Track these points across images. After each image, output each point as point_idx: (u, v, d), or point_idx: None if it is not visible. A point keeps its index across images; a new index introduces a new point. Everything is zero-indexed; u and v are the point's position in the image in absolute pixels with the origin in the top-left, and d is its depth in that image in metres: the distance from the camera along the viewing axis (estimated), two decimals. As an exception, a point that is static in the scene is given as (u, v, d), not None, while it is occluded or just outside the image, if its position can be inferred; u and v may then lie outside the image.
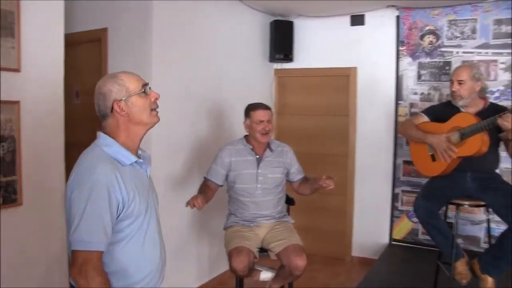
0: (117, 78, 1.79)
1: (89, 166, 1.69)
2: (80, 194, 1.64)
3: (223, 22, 4.31)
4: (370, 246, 4.84)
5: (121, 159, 1.77)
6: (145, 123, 1.84)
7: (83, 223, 1.62)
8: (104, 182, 1.66)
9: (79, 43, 3.93)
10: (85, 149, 1.83)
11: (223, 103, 4.34)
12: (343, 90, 4.98)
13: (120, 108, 1.76)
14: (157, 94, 1.87)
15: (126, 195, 1.72)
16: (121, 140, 1.80)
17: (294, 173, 3.46)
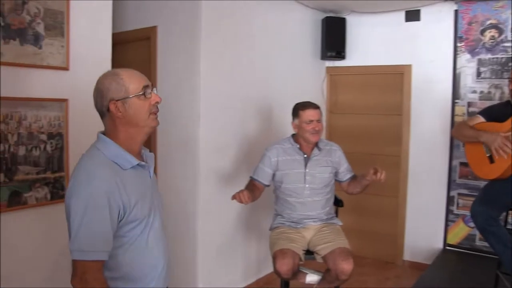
0: (117, 76, 1.71)
1: (88, 172, 1.62)
2: (77, 203, 1.58)
3: (273, 19, 4.25)
4: (422, 251, 4.66)
5: (121, 162, 1.69)
6: (141, 126, 1.73)
7: (82, 233, 1.57)
8: (104, 189, 1.59)
9: (129, 41, 4.00)
10: (85, 151, 1.75)
11: (273, 101, 4.29)
12: (397, 89, 4.81)
13: (117, 108, 1.68)
14: (158, 97, 1.77)
15: (128, 201, 1.65)
16: (120, 141, 1.72)
17: (343, 173, 3.36)
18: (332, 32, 4.89)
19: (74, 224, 1.58)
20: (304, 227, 3.24)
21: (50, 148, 2.57)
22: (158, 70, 3.75)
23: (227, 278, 3.88)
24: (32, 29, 2.47)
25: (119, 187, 1.63)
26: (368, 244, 4.99)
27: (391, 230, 4.87)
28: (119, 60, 3.84)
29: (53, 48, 2.56)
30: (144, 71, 3.76)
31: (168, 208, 3.77)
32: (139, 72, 1.78)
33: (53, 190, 2.58)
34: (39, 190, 2.52)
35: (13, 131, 2.40)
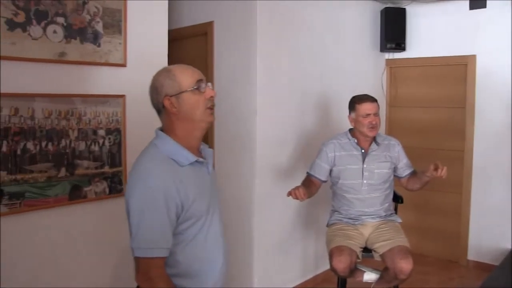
0: (170, 72, 1.72)
1: (145, 170, 1.63)
2: (137, 201, 1.60)
3: (330, 11, 4.17)
4: (489, 251, 4.44)
5: (179, 159, 1.69)
6: (197, 121, 1.72)
7: (142, 230, 1.59)
8: (161, 187, 1.60)
9: (186, 37, 4.05)
10: (144, 148, 1.78)
11: (330, 95, 4.22)
12: (460, 81, 4.60)
13: (171, 104, 1.69)
14: (213, 91, 1.77)
15: (185, 198, 1.65)
16: (178, 138, 1.72)
17: (402, 168, 3.25)
18: (392, 23, 4.74)
19: (133, 222, 1.61)
20: (362, 223, 3.17)
21: (108, 144, 2.64)
22: (215, 65, 3.78)
23: (283, 275, 3.86)
24: (92, 27, 2.55)
25: (177, 184, 1.63)
26: (429, 242, 4.82)
27: (454, 228, 4.68)
28: (176, 56, 3.89)
29: (111, 45, 2.63)
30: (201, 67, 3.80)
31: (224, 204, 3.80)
32: (193, 67, 1.78)
33: (111, 184, 2.66)
34: (98, 185, 2.60)
35: (74, 127, 2.49)
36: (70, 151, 2.47)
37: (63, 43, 2.43)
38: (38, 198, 2.36)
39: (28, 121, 2.32)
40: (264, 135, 3.58)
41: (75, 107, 2.49)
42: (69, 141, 2.47)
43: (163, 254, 1.61)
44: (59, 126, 2.43)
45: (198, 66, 3.93)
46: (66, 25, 2.43)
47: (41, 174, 2.37)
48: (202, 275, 1.75)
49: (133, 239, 1.60)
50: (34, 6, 2.31)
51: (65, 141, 2.45)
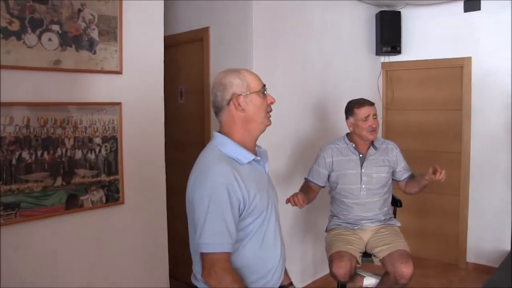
0: (239, 73, 1.80)
1: (207, 167, 1.70)
2: (201, 197, 1.65)
3: (326, 15, 4.17)
4: (488, 253, 4.43)
5: (238, 157, 1.76)
6: (259, 122, 1.81)
7: (207, 225, 1.63)
8: (223, 182, 1.65)
9: (182, 43, 4.04)
10: (202, 150, 1.84)
11: (328, 99, 4.21)
12: (456, 83, 4.60)
13: (238, 102, 1.75)
14: (272, 98, 1.86)
15: (247, 194, 1.70)
16: (237, 138, 1.79)
17: (401, 172, 3.24)
18: (387, 27, 4.74)
19: (199, 218, 1.65)
20: (361, 228, 3.15)
21: (105, 151, 2.62)
22: (212, 71, 3.75)
23: (283, 279, 3.83)
24: (87, 35, 2.53)
25: (238, 180, 1.68)
26: (429, 245, 4.81)
27: (453, 230, 4.67)
28: (172, 62, 3.90)
29: (106, 52, 2.61)
30: (197, 73, 3.85)
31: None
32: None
33: (108, 193, 2.63)
34: (95, 193, 2.58)
35: (70, 136, 2.46)
36: (66, 159, 2.45)
37: (58, 51, 2.41)
38: (34, 208, 2.33)
39: (23, 130, 2.29)
40: (262, 140, 3.55)
41: (70, 115, 2.46)
42: (65, 149, 2.44)
43: (228, 249, 1.65)
44: (55, 134, 2.41)
45: (195, 72, 3.97)
46: (61, 33, 2.41)
47: (37, 183, 2.34)
48: (261, 270, 1.80)
49: (200, 235, 1.64)
50: (29, 14, 2.29)
51: (61, 149, 2.43)
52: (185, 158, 4.04)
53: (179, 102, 4.13)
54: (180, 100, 4.13)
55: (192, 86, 3.99)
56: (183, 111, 4.09)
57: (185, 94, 4.10)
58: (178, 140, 4.05)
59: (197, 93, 3.89)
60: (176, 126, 4.05)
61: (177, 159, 4.09)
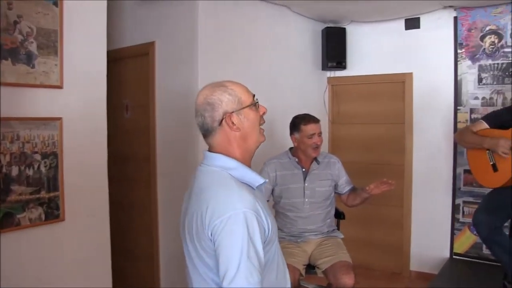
0: (226, 87, 1.59)
1: (230, 198, 1.48)
2: (233, 232, 1.42)
3: (273, 31, 4.25)
4: (429, 260, 4.58)
5: (250, 182, 1.60)
6: (255, 138, 1.64)
7: (244, 262, 1.41)
8: (252, 212, 1.46)
9: (128, 57, 4.01)
10: (201, 175, 1.62)
11: (274, 114, 4.22)
12: (399, 97, 4.77)
13: (232, 121, 1.57)
14: (264, 107, 1.68)
15: (267, 221, 1.53)
16: (237, 158, 1.60)
17: (343, 185, 3.32)
18: (333, 42, 4.86)
19: (234, 256, 1.41)
20: (304, 241, 3.20)
21: (44, 168, 2.55)
22: (157, 86, 3.74)
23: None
24: (25, 48, 2.47)
25: (261, 208, 1.52)
26: (374, 255, 4.93)
27: (397, 240, 4.80)
28: (117, 76, 3.86)
29: (46, 66, 2.56)
30: (142, 87, 3.82)
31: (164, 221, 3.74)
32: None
33: (48, 210, 2.56)
34: (33, 211, 2.49)
35: (6, 151, 2.39)
36: (1, 176, 2.37)
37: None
38: (-34, 227, 2.24)
39: (-45, 146, 2.22)
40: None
41: (7, 131, 2.39)
42: (0, 166, 2.37)
43: (259, 285, 1.44)
44: (-10, 150, 2.33)
45: (140, 87, 3.95)
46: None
47: (-31, 202, 2.26)
48: None
49: (233, 277, 1.40)
50: (-39, 27, 2.22)
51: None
52: (132, 172, 4.04)
53: (125, 117, 4.09)
54: (125, 115, 4.09)
55: (138, 100, 3.97)
56: (129, 126, 4.06)
57: (130, 108, 4.07)
58: (124, 155, 4.01)
59: (143, 108, 3.87)
60: (122, 140, 4.01)
61: (124, 173, 4.05)
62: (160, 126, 3.73)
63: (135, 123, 4.01)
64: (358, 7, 4.34)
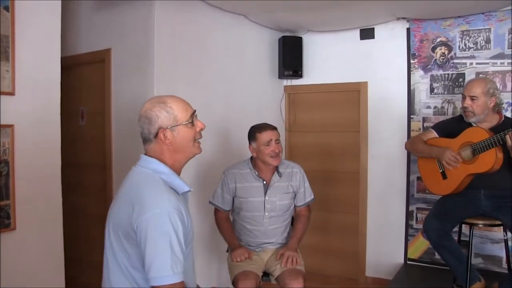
0: (165, 104, 1.77)
1: (157, 197, 1.66)
2: (158, 229, 1.60)
3: (230, 39, 4.26)
4: (384, 266, 4.67)
5: (177, 187, 1.77)
6: (187, 153, 1.83)
7: (173, 257, 1.60)
8: (177, 212, 1.64)
9: (83, 64, 3.94)
10: (135, 174, 1.80)
11: (231, 122, 4.26)
12: (354, 106, 4.86)
13: (165, 136, 1.75)
14: (202, 124, 1.87)
15: (187, 223, 1.72)
16: (168, 165, 1.79)
17: (300, 197, 3.26)
18: (289, 51, 4.90)
19: (159, 251, 1.59)
20: (262, 250, 3.19)
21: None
22: (113, 93, 3.69)
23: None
24: (-26, 54, 2.39)
25: (183, 210, 1.69)
26: (331, 262, 4.98)
27: (353, 247, 4.87)
28: (73, 83, 3.78)
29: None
30: (98, 94, 3.76)
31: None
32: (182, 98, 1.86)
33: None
34: (-19, 220, 2.41)
35: (-49, 160, 2.30)
36: None
37: None
38: None
39: None
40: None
41: (-48, 139, 2.30)
42: None
43: (183, 278, 1.63)
44: None
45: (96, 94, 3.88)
46: None
47: None
48: None
49: (161, 266, 1.59)
50: None
51: None
52: (87, 180, 3.95)
53: (80, 124, 4.00)
54: (81, 122, 4.00)
55: (94, 107, 3.90)
56: (84, 133, 3.98)
57: (86, 115, 3.99)
58: (79, 162, 3.93)
59: (99, 115, 3.81)
60: (77, 147, 3.93)
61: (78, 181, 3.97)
62: (116, 133, 3.68)
63: (90, 130, 3.94)
64: (313, 17, 4.42)
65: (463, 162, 3.11)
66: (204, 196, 3.76)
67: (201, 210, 3.76)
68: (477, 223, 3.15)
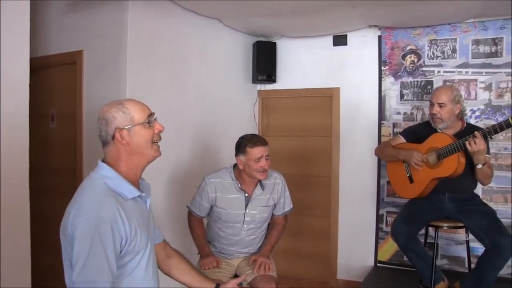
0: (122, 105, 1.77)
1: (92, 202, 1.64)
2: (84, 232, 1.58)
3: (205, 43, 4.27)
4: (355, 269, 4.74)
5: (123, 193, 1.73)
6: (144, 155, 1.81)
7: (90, 263, 1.57)
8: (108, 219, 1.61)
9: (55, 65, 3.90)
10: (85, 179, 1.78)
11: (206, 126, 4.28)
12: (327, 111, 4.94)
13: (122, 136, 1.74)
14: (161, 126, 1.86)
15: (129, 231, 1.68)
16: (122, 171, 1.77)
17: (278, 207, 3.23)
18: (263, 56, 4.95)
19: (81, 254, 1.57)
20: (234, 258, 3.19)
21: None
22: (85, 96, 3.66)
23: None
24: None
25: (122, 217, 1.65)
26: (302, 265, 5.04)
27: (325, 250, 4.93)
28: (43, 84, 3.76)
29: (-37, 74, 2.46)
30: (70, 97, 3.73)
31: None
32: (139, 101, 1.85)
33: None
34: None
35: None
36: None
37: None
38: None
39: None
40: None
41: None
42: None
43: (108, 286, 1.60)
44: None
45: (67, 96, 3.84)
46: None
47: None
48: None
49: (80, 272, 1.57)
50: None
51: None
52: (58, 184, 3.90)
53: (50, 127, 3.97)
54: (51, 124, 3.97)
55: (65, 110, 3.86)
56: (55, 136, 3.94)
57: (56, 118, 3.96)
58: (48, 166, 3.89)
59: (70, 118, 3.76)
60: (46, 151, 3.89)
61: (48, 185, 3.91)
62: (87, 136, 3.64)
63: (61, 133, 3.90)
64: (288, 23, 4.49)
65: (429, 167, 3.21)
66: (177, 201, 3.78)
67: (174, 214, 3.78)
68: (442, 226, 3.25)
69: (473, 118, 4.12)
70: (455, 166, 3.05)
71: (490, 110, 4.12)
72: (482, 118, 4.12)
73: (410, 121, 4.43)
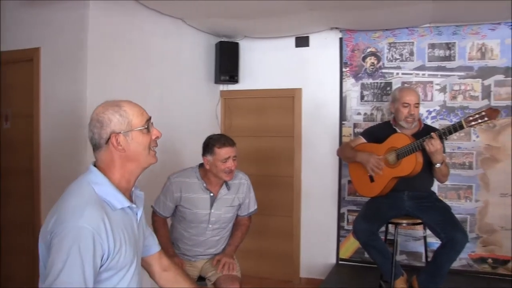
0: (120, 107, 1.65)
1: (76, 209, 1.50)
2: (63, 242, 1.45)
3: (166, 42, 4.23)
4: (318, 267, 4.81)
5: (111, 202, 1.60)
6: (141, 161, 1.69)
7: (64, 274, 1.42)
8: (90, 230, 1.47)
9: (9, 62, 3.77)
10: (72, 183, 1.65)
11: (168, 126, 4.21)
12: (289, 111, 4.99)
13: (118, 141, 1.62)
14: (159, 132, 1.75)
15: (113, 246, 1.54)
16: (114, 177, 1.65)
17: (243, 208, 3.24)
18: (226, 56, 4.95)
19: (56, 264, 1.43)
20: (198, 260, 3.18)
21: None
22: (42, 94, 3.55)
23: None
24: None
25: (107, 229, 1.52)
26: (267, 264, 5.07)
27: (288, 249, 4.98)
28: None
29: None
30: (26, 95, 3.62)
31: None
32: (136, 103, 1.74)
33: None
34: None
35: None
36: None
37: None
38: None
39: None
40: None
41: None
42: None
43: None
44: None
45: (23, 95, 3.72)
46: None
47: None
48: None
49: (52, 282, 1.42)
50: None
51: None
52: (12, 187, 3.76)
53: (4, 127, 3.84)
54: (5, 125, 3.84)
55: (20, 109, 3.74)
56: (9, 136, 3.81)
57: (11, 118, 3.83)
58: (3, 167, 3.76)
59: (26, 118, 3.64)
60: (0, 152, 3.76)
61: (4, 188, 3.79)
62: (45, 137, 3.54)
63: (16, 133, 3.77)
64: (250, 24, 4.51)
65: (389, 166, 3.30)
66: (147, 202, 3.72)
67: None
68: (401, 223, 3.34)
69: (429, 119, 4.27)
70: (413, 165, 3.15)
71: (445, 111, 4.28)
72: (438, 119, 4.28)
73: (370, 122, 4.53)
